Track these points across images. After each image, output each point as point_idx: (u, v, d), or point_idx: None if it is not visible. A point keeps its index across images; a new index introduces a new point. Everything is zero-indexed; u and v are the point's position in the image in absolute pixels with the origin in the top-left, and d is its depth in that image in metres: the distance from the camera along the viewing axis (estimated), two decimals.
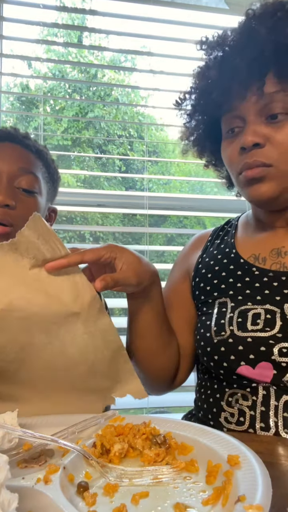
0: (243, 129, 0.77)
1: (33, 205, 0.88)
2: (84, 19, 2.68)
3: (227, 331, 0.77)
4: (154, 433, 0.52)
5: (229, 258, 0.87)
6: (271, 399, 0.71)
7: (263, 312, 0.75)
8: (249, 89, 0.75)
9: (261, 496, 0.36)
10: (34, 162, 0.91)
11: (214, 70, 0.80)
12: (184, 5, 1.61)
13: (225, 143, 0.82)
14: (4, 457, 0.39)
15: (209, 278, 0.87)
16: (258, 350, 0.73)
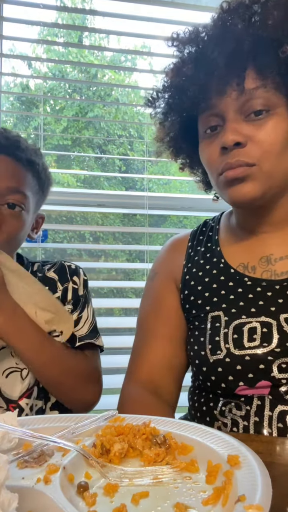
0: (222, 128, 0.73)
1: (17, 224, 0.87)
2: (85, 19, 2.68)
3: (223, 350, 0.73)
4: (154, 433, 0.52)
5: (219, 269, 0.82)
6: (266, 410, 0.69)
7: (259, 325, 0.72)
8: (228, 85, 0.71)
9: (261, 496, 0.36)
10: (23, 178, 0.89)
11: (189, 65, 0.75)
12: (184, 5, 1.61)
13: (203, 143, 0.78)
14: (4, 457, 0.39)
15: (200, 290, 0.82)
16: (257, 368, 0.70)
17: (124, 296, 2.45)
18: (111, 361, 1.04)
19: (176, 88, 0.78)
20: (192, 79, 0.74)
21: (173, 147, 0.89)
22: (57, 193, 1.56)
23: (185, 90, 0.75)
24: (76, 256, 2.51)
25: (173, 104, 0.81)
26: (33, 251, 1.61)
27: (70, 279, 0.98)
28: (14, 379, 0.87)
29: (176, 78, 0.78)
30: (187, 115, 0.80)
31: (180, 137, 0.86)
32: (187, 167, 0.93)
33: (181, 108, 0.79)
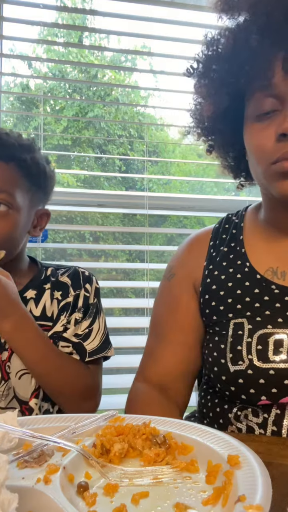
0: (281, 112, 0.65)
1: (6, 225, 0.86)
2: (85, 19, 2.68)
3: (245, 361, 0.68)
4: (154, 433, 0.52)
5: (243, 273, 0.75)
6: (285, 419, 0.65)
7: (286, 337, 0.66)
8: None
9: (261, 496, 0.36)
10: (9, 176, 0.87)
11: (255, 35, 0.64)
12: (184, 5, 1.61)
13: (253, 126, 0.69)
14: (4, 457, 0.39)
15: (222, 296, 0.76)
16: (282, 384, 0.65)
17: (124, 296, 2.45)
18: (111, 362, 1.03)
19: (232, 59, 0.68)
20: (255, 51, 0.64)
21: (209, 125, 0.79)
22: (57, 193, 1.55)
23: (244, 64, 0.66)
24: (76, 256, 2.51)
25: (224, 77, 0.70)
26: (33, 251, 1.61)
27: (82, 286, 0.98)
28: (26, 380, 0.87)
29: (233, 47, 0.68)
30: (236, 92, 0.71)
31: (220, 115, 0.76)
32: (218, 150, 0.84)
33: (233, 83, 0.69)
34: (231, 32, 0.69)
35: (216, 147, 0.84)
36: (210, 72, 0.73)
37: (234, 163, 0.85)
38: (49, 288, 0.96)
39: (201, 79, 0.75)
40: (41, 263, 1.02)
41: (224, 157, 0.85)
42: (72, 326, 0.94)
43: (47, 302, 0.95)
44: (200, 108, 0.77)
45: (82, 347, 0.94)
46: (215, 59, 0.71)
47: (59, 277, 0.98)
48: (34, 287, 0.95)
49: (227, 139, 0.80)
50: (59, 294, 0.95)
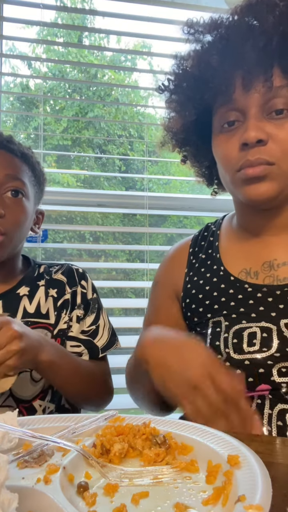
0: (243, 123, 0.72)
1: (21, 210, 0.89)
2: (84, 19, 2.68)
3: (223, 354, 0.73)
4: (154, 433, 0.52)
5: (219, 276, 0.82)
6: (265, 408, 0.69)
7: (259, 330, 0.72)
8: (255, 80, 0.69)
9: (261, 496, 0.36)
10: (20, 167, 0.91)
11: (214, 56, 0.71)
12: (184, 5, 1.61)
13: (219, 137, 0.76)
14: (4, 457, 0.39)
15: (201, 299, 0.82)
16: (257, 372, 0.70)
17: (124, 296, 2.45)
18: (111, 362, 1.03)
19: (197, 77, 0.75)
20: (217, 70, 0.71)
21: (181, 138, 0.86)
22: (57, 193, 1.56)
23: (207, 81, 0.73)
24: (76, 256, 2.51)
25: (190, 93, 0.77)
26: (33, 251, 1.61)
27: (78, 283, 0.98)
28: (24, 379, 0.88)
29: (197, 66, 0.75)
30: (203, 106, 0.77)
31: (191, 128, 0.83)
32: (191, 160, 0.91)
33: (198, 98, 0.76)
34: (195, 53, 0.75)
35: (190, 157, 0.91)
36: (179, 89, 0.80)
37: (207, 172, 0.92)
38: (43, 285, 0.96)
39: (172, 95, 0.82)
40: (34, 261, 1.03)
41: (197, 167, 0.93)
42: (74, 323, 0.95)
43: (42, 299, 0.95)
44: (173, 122, 0.84)
45: (93, 344, 0.94)
46: (183, 77, 0.78)
47: (53, 275, 0.99)
48: (27, 284, 0.96)
49: (199, 150, 0.87)
50: (54, 292, 0.96)
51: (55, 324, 0.94)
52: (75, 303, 0.97)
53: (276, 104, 0.70)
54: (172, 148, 0.90)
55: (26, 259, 1.04)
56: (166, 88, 0.82)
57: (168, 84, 0.82)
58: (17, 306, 0.93)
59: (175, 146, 0.89)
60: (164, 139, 0.89)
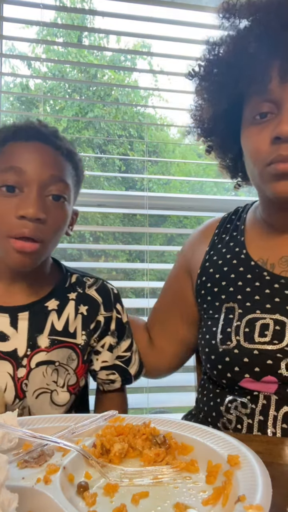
0: (277, 116, 0.69)
1: (62, 216, 0.78)
2: (84, 18, 2.68)
3: (233, 341, 0.73)
4: (154, 433, 0.52)
5: (239, 259, 0.81)
6: (271, 409, 0.69)
7: (272, 322, 0.71)
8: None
9: (261, 496, 0.36)
10: (65, 167, 0.80)
11: (253, 41, 0.68)
12: (184, 5, 1.61)
13: (250, 129, 0.73)
14: (4, 457, 0.39)
15: (217, 279, 0.82)
16: (265, 363, 0.69)
17: (124, 296, 2.44)
18: None
19: (231, 64, 0.71)
20: (254, 57, 0.68)
21: (208, 127, 0.83)
22: None
23: (242, 68, 0.69)
24: (76, 256, 2.51)
25: (224, 80, 0.74)
26: None
27: (114, 307, 0.88)
28: (43, 400, 0.79)
29: (232, 52, 0.71)
30: (235, 95, 0.74)
31: (219, 117, 0.79)
32: (216, 151, 0.88)
33: (232, 86, 0.73)
34: (231, 39, 0.71)
35: (215, 147, 0.87)
36: (210, 76, 0.76)
37: (231, 163, 0.89)
38: (74, 299, 0.85)
39: (202, 82, 0.78)
40: (66, 268, 0.91)
41: (222, 158, 0.89)
42: (105, 351, 0.86)
43: (71, 315, 0.84)
44: (200, 110, 0.80)
45: (127, 373, 0.88)
46: (216, 63, 0.74)
47: (86, 289, 0.87)
48: (57, 297, 0.84)
49: (226, 141, 0.84)
50: (85, 309, 0.85)
51: (83, 348, 0.83)
52: (108, 329, 0.87)
53: None
54: (197, 137, 0.86)
55: (58, 265, 0.92)
56: (196, 74, 0.78)
57: (198, 70, 0.77)
58: (44, 321, 0.81)
59: (200, 135, 0.85)
60: (190, 127, 0.85)
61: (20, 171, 0.72)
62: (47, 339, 0.80)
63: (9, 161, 0.74)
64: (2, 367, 0.77)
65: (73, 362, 0.82)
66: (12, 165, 0.73)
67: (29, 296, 0.81)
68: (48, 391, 0.79)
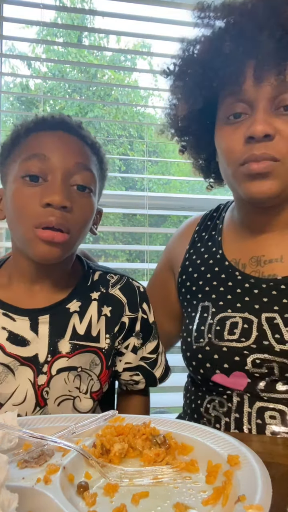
0: (250, 116, 0.69)
1: (88, 207, 0.74)
2: (84, 18, 2.68)
3: (205, 339, 0.76)
4: (154, 433, 0.52)
5: (215, 259, 0.83)
6: (245, 406, 0.71)
7: (241, 321, 0.74)
8: (268, 73, 0.66)
9: (261, 496, 0.36)
10: (90, 156, 0.76)
11: (228, 41, 0.68)
12: (184, 5, 1.61)
13: (225, 128, 0.73)
14: (4, 457, 0.39)
15: (195, 278, 0.85)
16: (233, 360, 0.72)
17: None
18: None
19: (206, 63, 0.71)
20: (228, 58, 0.68)
21: (182, 126, 0.83)
22: None
23: (217, 68, 0.69)
24: None
25: (198, 79, 0.73)
26: None
27: (139, 307, 0.83)
28: (65, 407, 0.76)
29: (207, 52, 0.71)
30: (208, 95, 0.74)
31: (194, 117, 0.79)
32: (190, 151, 0.88)
33: (206, 86, 0.73)
34: (206, 38, 0.72)
35: (189, 147, 0.88)
36: (185, 75, 0.76)
37: (205, 164, 0.90)
38: (96, 299, 0.80)
39: (176, 81, 0.78)
40: (88, 264, 0.86)
41: (195, 158, 0.90)
42: (129, 352, 0.82)
43: (93, 317, 0.79)
44: (175, 109, 0.81)
45: (152, 375, 0.84)
46: (191, 63, 0.75)
47: (110, 289, 0.82)
48: (79, 297, 0.79)
49: (199, 140, 0.84)
50: (108, 311, 0.80)
51: (107, 352, 0.79)
52: (133, 330, 0.82)
53: (285, 99, 0.67)
54: (171, 137, 0.87)
55: (80, 261, 0.87)
56: (171, 72, 0.78)
57: (173, 68, 0.78)
58: (66, 324, 0.76)
59: (175, 134, 0.86)
60: (164, 127, 0.86)
61: (44, 158, 0.69)
62: (68, 344, 0.75)
63: (32, 149, 0.71)
64: (23, 373, 0.73)
65: (96, 367, 0.78)
66: (35, 152, 0.70)
67: (51, 296, 0.77)
68: (71, 397, 0.76)
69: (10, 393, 0.72)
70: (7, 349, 0.73)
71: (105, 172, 0.83)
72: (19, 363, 0.73)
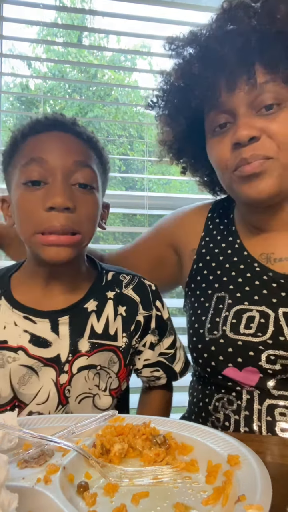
0: (233, 124, 0.72)
1: (92, 204, 0.74)
2: (84, 18, 2.68)
3: (219, 331, 0.76)
4: (154, 433, 0.52)
5: (234, 249, 0.84)
6: (255, 403, 0.71)
7: (258, 315, 0.74)
8: (238, 80, 0.70)
9: (261, 496, 0.37)
10: (88, 153, 0.76)
11: (196, 64, 0.73)
12: (184, 5, 1.61)
13: (212, 141, 0.77)
14: (4, 457, 0.39)
15: (213, 267, 0.84)
16: (247, 354, 0.73)
17: None
18: None
19: (182, 88, 0.77)
20: (200, 77, 0.72)
21: (177, 149, 0.87)
22: None
23: (193, 90, 0.74)
24: None
25: (179, 104, 0.79)
26: None
27: (153, 305, 0.84)
28: (86, 405, 0.77)
29: (181, 78, 0.76)
30: (193, 115, 0.78)
31: (185, 138, 0.84)
32: (191, 170, 0.92)
33: (187, 108, 0.77)
34: (178, 65, 0.78)
35: (188, 167, 0.93)
36: (167, 103, 0.82)
37: (208, 179, 0.94)
38: (112, 299, 0.82)
39: (162, 110, 0.84)
40: (101, 265, 0.87)
41: (198, 176, 0.94)
42: (147, 349, 0.83)
43: (110, 316, 0.80)
44: (167, 136, 0.85)
45: (171, 370, 0.85)
46: (169, 91, 0.80)
47: (124, 289, 0.84)
48: (96, 297, 0.80)
49: (196, 159, 0.89)
50: (123, 310, 0.81)
51: (124, 350, 0.80)
52: (148, 327, 0.83)
53: (264, 100, 0.70)
54: (170, 161, 0.91)
55: (92, 263, 0.88)
56: (155, 104, 0.84)
57: (156, 100, 0.84)
58: (85, 324, 0.78)
59: (172, 159, 0.91)
60: (161, 153, 0.91)
61: (42, 161, 0.70)
62: (87, 343, 0.77)
63: (30, 153, 0.72)
64: (46, 373, 0.74)
65: (114, 365, 0.79)
66: (33, 157, 0.71)
67: (68, 297, 0.78)
68: (91, 395, 0.77)
69: (34, 394, 0.74)
70: (30, 351, 0.74)
71: (106, 165, 0.83)
72: (42, 364, 0.74)
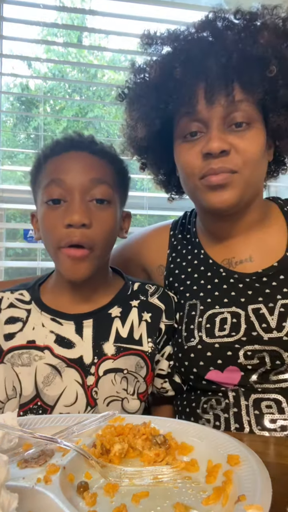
0: (205, 134, 0.75)
1: (108, 219, 0.78)
2: (84, 19, 2.68)
3: (196, 337, 0.79)
4: (154, 433, 0.52)
5: (199, 259, 0.88)
6: (241, 399, 0.74)
7: (229, 316, 0.78)
8: (218, 94, 0.72)
9: (261, 496, 0.36)
10: (105, 169, 0.80)
11: (178, 67, 0.73)
12: (184, 5, 1.61)
13: (183, 146, 0.79)
14: (4, 457, 0.39)
15: (183, 279, 0.89)
16: (225, 355, 0.76)
17: None
18: None
19: (159, 87, 0.77)
20: (180, 82, 0.74)
21: (141, 146, 0.88)
22: None
23: (170, 92, 0.75)
24: None
25: (153, 103, 0.78)
26: (33, 252, 1.61)
27: (174, 316, 0.87)
28: (114, 407, 0.78)
29: (159, 77, 0.76)
30: (163, 115, 0.79)
31: (152, 136, 0.84)
32: (151, 167, 0.95)
33: (162, 108, 0.78)
34: (156, 63, 0.77)
35: (149, 164, 0.95)
36: (140, 98, 0.81)
37: (165, 179, 0.96)
38: (136, 306, 0.85)
39: (131, 104, 0.83)
40: (127, 277, 0.91)
41: (156, 174, 0.97)
42: (164, 360, 0.86)
43: (135, 322, 0.83)
44: (133, 130, 0.85)
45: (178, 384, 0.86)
46: (144, 87, 0.80)
47: (149, 298, 0.87)
48: (120, 304, 0.84)
49: (158, 158, 0.90)
50: (148, 316, 0.84)
51: (151, 355, 0.82)
52: (169, 338, 0.86)
53: (236, 117, 0.74)
54: (131, 156, 0.93)
55: (118, 273, 0.92)
56: (126, 96, 0.84)
57: (128, 92, 0.84)
58: (109, 328, 0.81)
59: (134, 153, 0.92)
60: (124, 146, 0.91)
61: (60, 181, 0.75)
62: (113, 347, 0.80)
63: (50, 175, 0.77)
64: (69, 374, 0.77)
65: (141, 369, 0.81)
66: (53, 178, 0.76)
67: (92, 303, 0.83)
68: (119, 399, 0.79)
69: (57, 395, 0.76)
70: (55, 350, 0.78)
71: (126, 178, 0.88)
72: (66, 364, 0.77)
